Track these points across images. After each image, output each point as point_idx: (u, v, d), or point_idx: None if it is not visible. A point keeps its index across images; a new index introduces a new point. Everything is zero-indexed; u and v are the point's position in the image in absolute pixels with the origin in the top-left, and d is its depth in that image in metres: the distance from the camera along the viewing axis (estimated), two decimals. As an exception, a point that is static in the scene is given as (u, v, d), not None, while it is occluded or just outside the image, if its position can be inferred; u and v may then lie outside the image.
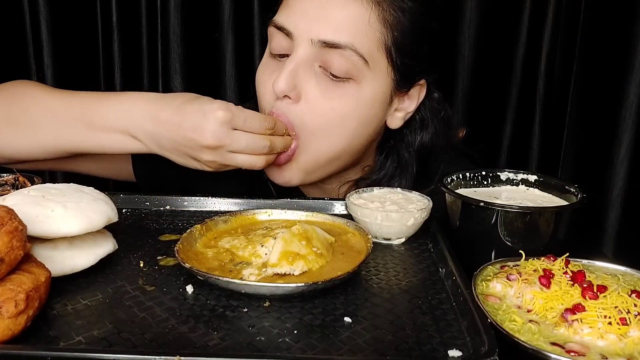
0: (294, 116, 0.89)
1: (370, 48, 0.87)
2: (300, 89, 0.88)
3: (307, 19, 0.87)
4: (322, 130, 0.90)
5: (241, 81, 1.53)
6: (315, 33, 0.86)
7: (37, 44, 1.51)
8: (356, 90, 0.88)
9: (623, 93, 1.29)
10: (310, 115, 0.89)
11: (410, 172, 1.00)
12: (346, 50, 0.85)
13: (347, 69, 0.87)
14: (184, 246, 0.69)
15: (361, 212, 0.80)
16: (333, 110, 0.89)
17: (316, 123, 0.89)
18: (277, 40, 0.91)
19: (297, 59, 0.87)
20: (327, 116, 0.89)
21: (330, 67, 0.87)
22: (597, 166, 1.36)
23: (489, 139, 1.52)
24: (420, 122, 1.01)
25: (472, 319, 0.56)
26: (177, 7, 1.48)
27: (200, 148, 0.80)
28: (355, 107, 0.89)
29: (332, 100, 0.88)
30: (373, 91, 0.90)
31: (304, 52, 0.87)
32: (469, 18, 1.47)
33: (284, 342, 0.54)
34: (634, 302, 0.58)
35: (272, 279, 0.64)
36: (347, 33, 0.85)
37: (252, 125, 0.81)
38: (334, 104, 0.88)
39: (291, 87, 0.87)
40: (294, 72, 0.87)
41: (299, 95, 0.89)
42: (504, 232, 0.74)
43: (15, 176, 0.84)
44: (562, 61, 1.44)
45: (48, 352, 0.49)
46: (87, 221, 0.64)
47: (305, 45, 0.87)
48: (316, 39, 0.86)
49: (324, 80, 0.88)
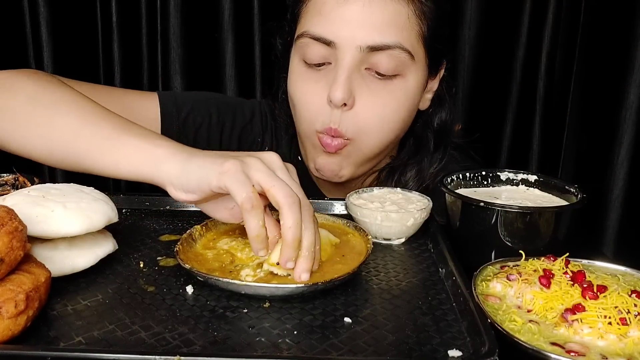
0: (350, 122, 0.90)
1: (413, 42, 0.89)
2: (354, 94, 0.89)
3: (349, 26, 0.86)
4: (376, 128, 0.92)
5: (241, 81, 1.53)
6: (360, 39, 0.86)
7: (37, 44, 1.51)
8: (403, 85, 0.91)
9: (623, 93, 1.29)
10: (364, 116, 0.90)
11: (428, 150, 1.03)
12: (394, 49, 0.87)
13: (394, 67, 0.88)
14: (183, 247, 0.69)
15: (361, 212, 0.80)
16: (385, 106, 0.91)
17: (370, 123, 0.91)
18: (315, 50, 0.90)
19: (347, 66, 0.87)
20: (380, 114, 0.91)
21: (378, 68, 0.88)
22: (597, 166, 1.36)
23: (489, 139, 1.53)
24: (438, 99, 1.03)
25: (472, 319, 0.56)
26: (177, 7, 1.48)
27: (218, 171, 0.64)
28: (405, 100, 0.92)
29: (383, 98, 0.90)
30: (417, 82, 0.93)
31: (352, 59, 0.87)
32: (469, 18, 1.47)
33: (284, 343, 0.54)
34: (634, 302, 0.58)
35: (267, 278, 0.64)
36: (392, 32, 0.87)
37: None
38: (385, 101, 0.91)
39: (348, 95, 0.88)
40: (348, 80, 0.88)
41: (354, 100, 0.89)
42: (504, 232, 0.74)
43: (15, 176, 0.84)
44: (562, 61, 1.44)
45: (48, 352, 0.49)
46: (87, 221, 0.64)
47: (352, 52, 0.87)
48: (364, 45, 0.86)
49: (372, 81, 0.90)
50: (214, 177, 0.63)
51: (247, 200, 0.60)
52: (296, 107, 0.96)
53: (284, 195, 0.61)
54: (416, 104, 0.97)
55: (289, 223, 0.61)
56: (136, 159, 0.70)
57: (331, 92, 0.88)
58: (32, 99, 0.79)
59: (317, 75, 0.92)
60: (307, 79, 0.93)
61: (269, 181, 0.62)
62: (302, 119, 0.95)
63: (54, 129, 0.77)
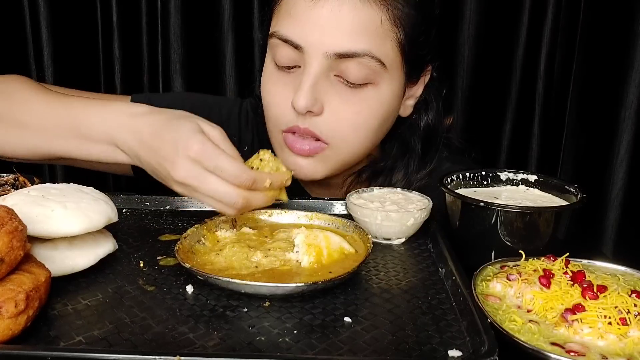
0: (323, 127, 0.89)
1: (386, 50, 0.86)
2: (321, 101, 0.87)
3: (318, 31, 0.83)
4: (351, 134, 0.90)
5: (241, 81, 1.53)
6: (328, 46, 0.83)
7: (37, 44, 1.51)
8: (375, 93, 0.88)
9: (623, 93, 1.29)
10: (337, 123, 0.89)
11: (416, 154, 1.01)
12: (364, 57, 0.84)
13: (365, 76, 0.85)
14: (183, 246, 0.69)
15: (361, 212, 0.80)
16: (357, 114, 0.88)
17: (345, 129, 0.89)
18: (284, 52, 0.88)
19: (313, 73, 0.85)
20: (353, 121, 0.89)
21: (346, 76, 0.85)
22: (596, 166, 1.36)
23: (489, 139, 1.53)
24: (424, 104, 1.01)
25: (472, 319, 0.56)
26: (177, 7, 1.48)
27: (172, 180, 0.74)
28: (378, 107, 0.90)
29: (355, 105, 0.88)
30: (391, 90, 0.90)
31: (319, 65, 0.85)
32: (469, 18, 1.47)
33: (284, 342, 0.54)
34: (634, 302, 0.58)
35: (267, 278, 0.64)
36: (362, 40, 0.83)
37: (224, 175, 0.71)
38: (358, 109, 0.88)
39: (313, 102, 0.86)
40: (313, 87, 0.85)
41: (322, 107, 0.87)
42: (504, 232, 0.74)
43: (15, 176, 0.84)
44: (561, 61, 1.44)
45: (48, 352, 0.49)
46: (87, 221, 0.64)
47: (319, 59, 0.84)
48: (331, 52, 0.83)
49: (342, 88, 0.87)
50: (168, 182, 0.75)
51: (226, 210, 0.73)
52: (265, 107, 0.95)
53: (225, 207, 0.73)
54: (393, 111, 0.94)
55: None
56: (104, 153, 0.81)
57: (294, 98, 0.85)
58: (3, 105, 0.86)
59: (286, 78, 0.90)
60: (277, 80, 0.92)
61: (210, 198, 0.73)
62: (268, 118, 0.95)
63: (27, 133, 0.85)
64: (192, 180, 0.71)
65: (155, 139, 0.74)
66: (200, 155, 0.71)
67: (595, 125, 1.37)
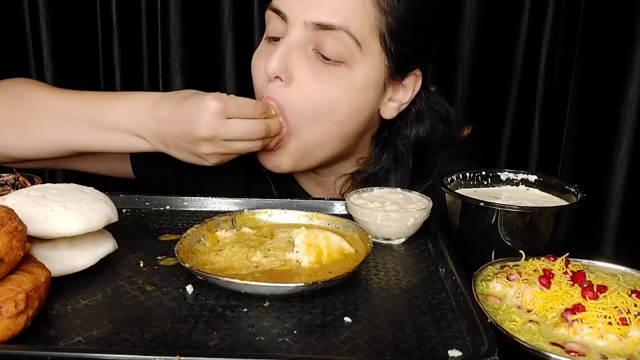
0: (285, 99, 0.89)
1: (364, 31, 0.87)
2: (292, 71, 0.88)
3: (302, 2, 0.88)
4: (311, 114, 0.90)
5: (241, 81, 1.53)
6: (309, 16, 0.87)
7: (37, 44, 1.51)
8: (347, 74, 0.89)
9: (623, 92, 1.29)
10: (300, 98, 0.89)
11: (406, 166, 1.00)
12: (339, 31, 0.86)
13: (339, 52, 0.87)
14: (183, 246, 0.69)
15: (361, 212, 0.80)
16: (322, 93, 0.89)
17: (306, 107, 0.89)
18: (273, 23, 0.92)
19: (290, 41, 0.88)
20: (316, 100, 0.89)
21: (323, 49, 0.87)
22: (597, 166, 1.36)
23: (489, 139, 1.53)
24: (415, 115, 1.00)
25: (472, 319, 0.56)
26: (177, 7, 1.48)
27: (197, 141, 0.81)
28: (346, 91, 0.89)
29: (323, 83, 0.88)
30: (365, 76, 0.90)
31: (298, 34, 0.88)
32: (469, 18, 1.47)
33: (283, 342, 0.54)
34: (634, 302, 0.58)
35: (267, 277, 0.64)
36: (341, 15, 0.86)
37: (246, 111, 0.83)
38: (324, 87, 0.88)
39: (283, 69, 0.88)
40: (286, 53, 0.88)
41: (291, 77, 0.89)
42: (504, 232, 0.74)
43: (15, 176, 0.84)
44: (561, 61, 1.44)
45: (48, 352, 0.49)
46: (87, 221, 0.64)
47: (299, 27, 0.88)
48: (310, 21, 0.87)
49: (316, 63, 0.88)
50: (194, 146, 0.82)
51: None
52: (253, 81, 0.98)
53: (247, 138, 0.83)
54: (366, 103, 0.93)
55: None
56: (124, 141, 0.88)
57: (266, 62, 0.88)
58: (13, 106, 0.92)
59: (271, 49, 0.92)
60: (262, 52, 0.96)
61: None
62: (255, 93, 0.97)
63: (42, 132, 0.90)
64: (219, 128, 0.80)
65: (174, 111, 0.82)
66: (221, 106, 0.80)
67: (596, 125, 1.37)
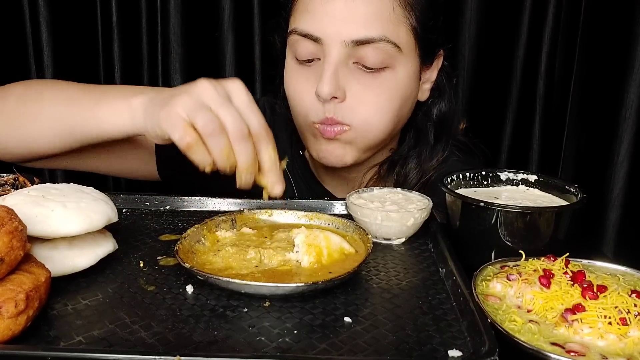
0: (346, 112, 0.93)
1: (400, 34, 0.91)
2: (344, 89, 0.92)
3: (334, 22, 0.88)
4: (373, 118, 0.94)
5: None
6: (345, 34, 0.88)
7: (37, 44, 1.51)
8: (393, 76, 0.93)
9: (623, 93, 1.29)
10: (360, 107, 0.93)
11: (428, 141, 1.04)
12: (380, 42, 0.89)
13: (381, 60, 0.90)
14: (183, 246, 0.69)
15: (361, 212, 0.80)
16: (378, 97, 0.93)
17: (366, 112, 0.93)
18: (304, 46, 0.93)
19: (334, 62, 0.90)
20: (374, 104, 0.93)
21: (365, 61, 0.90)
22: (597, 166, 1.36)
23: (489, 139, 1.52)
24: (437, 91, 1.05)
25: (472, 319, 0.56)
26: (177, 7, 1.48)
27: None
28: (396, 90, 0.94)
29: (374, 89, 0.92)
30: (407, 72, 0.94)
31: (338, 54, 0.90)
32: (469, 18, 1.47)
33: (284, 342, 0.54)
34: (634, 302, 0.58)
35: (267, 277, 0.64)
36: (376, 26, 0.88)
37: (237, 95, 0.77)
38: (377, 92, 0.93)
39: (336, 89, 0.90)
40: (334, 74, 0.90)
41: (344, 94, 0.92)
42: (504, 232, 0.74)
43: (15, 176, 0.84)
44: (562, 61, 1.44)
45: (48, 352, 0.49)
46: (87, 221, 0.64)
47: (338, 47, 0.89)
48: (349, 40, 0.88)
49: (361, 74, 0.92)
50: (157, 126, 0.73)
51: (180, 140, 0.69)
52: (291, 103, 1.00)
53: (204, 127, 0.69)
54: (411, 94, 0.98)
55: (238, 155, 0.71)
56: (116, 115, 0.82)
57: (318, 87, 0.90)
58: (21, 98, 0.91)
59: (307, 72, 0.95)
60: (299, 75, 0.97)
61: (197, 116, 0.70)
62: (297, 113, 0.99)
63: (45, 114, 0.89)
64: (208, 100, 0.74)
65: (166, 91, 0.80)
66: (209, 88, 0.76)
67: (596, 125, 1.37)
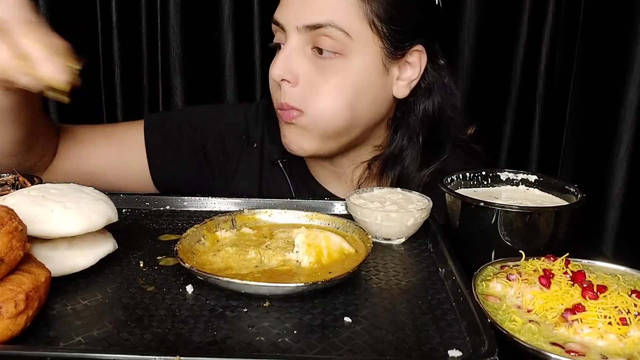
0: (298, 96, 0.95)
1: (351, 21, 0.93)
2: (296, 73, 0.95)
3: (292, 9, 0.95)
4: (322, 101, 0.95)
5: (241, 81, 1.53)
6: (300, 21, 0.93)
7: (37, 44, 1.50)
8: (345, 64, 0.94)
9: (623, 93, 1.29)
10: (309, 91, 0.95)
11: (416, 142, 1.04)
12: (327, 28, 0.92)
13: (332, 45, 0.93)
14: (183, 246, 0.69)
15: (361, 212, 0.80)
16: (327, 82, 0.95)
17: (315, 96, 0.95)
18: (277, 34, 0.99)
19: (289, 46, 0.95)
20: (323, 88, 0.95)
21: (319, 46, 0.94)
22: (597, 166, 1.36)
23: (489, 139, 1.52)
24: (425, 90, 1.04)
25: (472, 319, 0.56)
26: (177, 7, 1.48)
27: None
28: (347, 77, 0.95)
29: (325, 75, 0.95)
30: (362, 61, 0.95)
31: (293, 39, 0.95)
32: (469, 18, 1.47)
33: (283, 342, 0.54)
34: (634, 302, 0.58)
35: (267, 277, 0.64)
36: (326, 13, 0.92)
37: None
38: (327, 77, 0.95)
39: (286, 72, 0.94)
40: (287, 58, 0.95)
41: (297, 78, 0.95)
42: (504, 232, 0.74)
43: (15, 176, 0.84)
44: (562, 61, 1.44)
45: (48, 353, 0.49)
46: (87, 221, 0.64)
47: (293, 33, 0.94)
48: (301, 26, 0.93)
49: (315, 60, 0.95)
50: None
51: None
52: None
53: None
54: (371, 86, 0.97)
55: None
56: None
57: (270, 69, 0.96)
58: None
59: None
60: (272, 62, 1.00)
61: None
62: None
63: None
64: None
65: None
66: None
67: (595, 125, 1.37)
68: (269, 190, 1.12)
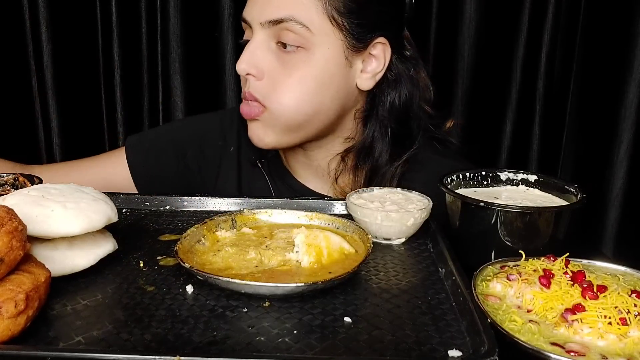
0: (262, 90, 0.98)
1: (311, 16, 0.95)
2: (262, 67, 0.97)
3: (256, 6, 0.98)
4: (284, 95, 0.97)
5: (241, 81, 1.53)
6: (263, 16, 0.96)
7: (37, 44, 1.51)
8: (307, 57, 0.96)
9: (622, 92, 1.29)
10: (272, 84, 0.97)
11: (385, 133, 1.05)
12: (288, 22, 0.94)
13: (294, 39, 0.95)
14: (183, 246, 0.69)
15: (361, 212, 0.80)
16: (290, 76, 0.97)
17: (278, 89, 0.97)
18: (246, 31, 1.02)
19: (254, 41, 0.98)
20: (285, 82, 0.97)
21: (282, 40, 0.96)
22: (596, 166, 1.36)
23: (489, 139, 1.53)
24: (391, 82, 1.04)
25: (471, 319, 0.56)
26: (177, 7, 1.48)
27: None
28: (309, 69, 0.97)
29: (288, 68, 0.97)
30: (324, 54, 0.97)
31: (258, 34, 0.98)
32: (469, 18, 1.47)
33: (283, 342, 0.54)
34: (634, 302, 0.58)
35: (267, 278, 0.64)
36: (285, 8, 0.95)
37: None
38: (290, 71, 0.97)
39: (251, 66, 0.97)
40: (252, 52, 0.97)
41: (262, 73, 0.97)
42: (504, 232, 0.74)
43: (15, 176, 0.84)
44: (561, 61, 1.44)
45: (48, 353, 0.49)
46: (87, 221, 0.64)
47: (258, 28, 0.97)
48: (264, 21, 0.96)
49: (279, 54, 0.97)
50: None
51: None
52: None
53: None
54: (333, 78, 0.98)
55: None
56: None
57: (237, 64, 0.98)
58: None
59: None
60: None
61: None
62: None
63: None
64: None
65: None
66: None
67: (595, 125, 1.37)
68: (249, 191, 1.14)
